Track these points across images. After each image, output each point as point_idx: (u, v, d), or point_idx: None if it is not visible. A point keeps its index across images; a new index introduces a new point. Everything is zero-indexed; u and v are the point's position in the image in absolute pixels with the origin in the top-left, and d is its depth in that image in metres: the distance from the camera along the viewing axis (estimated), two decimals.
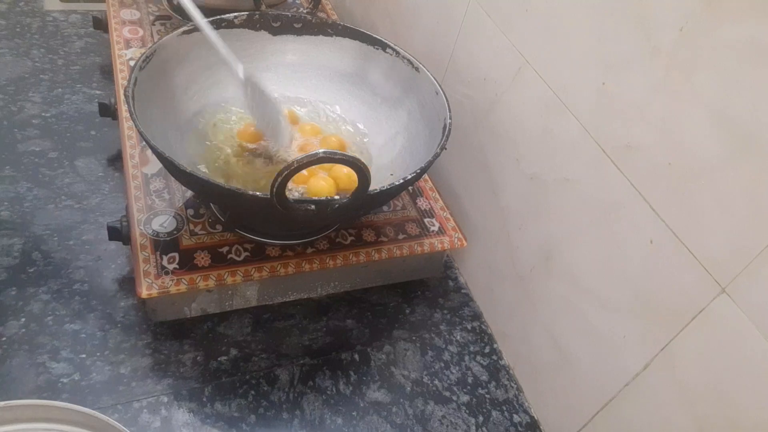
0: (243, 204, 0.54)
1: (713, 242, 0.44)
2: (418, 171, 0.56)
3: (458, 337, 0.73)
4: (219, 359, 0.64)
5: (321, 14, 1.00)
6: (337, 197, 0.52)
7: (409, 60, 0.70)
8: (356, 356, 0.68)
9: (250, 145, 0.68)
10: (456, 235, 0.71)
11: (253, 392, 0.63)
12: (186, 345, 0.65)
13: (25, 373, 0.59)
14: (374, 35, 0.73)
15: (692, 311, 0.46)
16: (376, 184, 0.53)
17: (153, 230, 0.62)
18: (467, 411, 0.66)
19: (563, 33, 0.56)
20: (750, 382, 0.43)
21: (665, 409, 0.50)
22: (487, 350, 0.73)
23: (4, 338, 0.61)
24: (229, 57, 0.62)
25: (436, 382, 0.68)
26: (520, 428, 0.66)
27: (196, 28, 0.68)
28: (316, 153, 0.47)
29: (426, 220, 0.72)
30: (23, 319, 0.63)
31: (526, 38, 0.62)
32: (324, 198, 0.52)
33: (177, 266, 0.60)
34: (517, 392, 0.69)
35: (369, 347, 0.69)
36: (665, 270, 0.48)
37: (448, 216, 0.73)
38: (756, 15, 0.39)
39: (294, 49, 0.75)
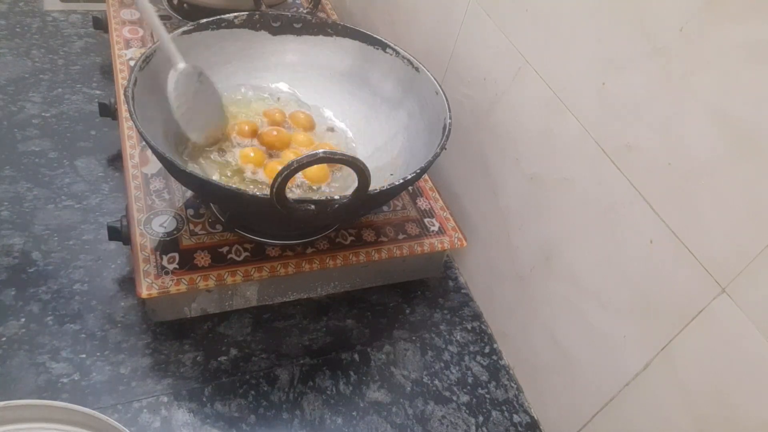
0: (243, 204, 0.54)
1: (713, 242, 0.44)
2: (418, 171, 0.56)
3: (458, 337, 0.73)
4: (219, 359, 0.64)
5: (321, 14, 1.00)
6: (337, 197, 0.52)
7: (409, 60, 0.70)
8: (356, 356, 0.68)
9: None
10: (456, 235, 0.71)
11: (253, 392, 0.63)
12: (186, 345, 0.65)
13: (25, 373, 0.59)
14: (374, 35, 0.73)
15: (692, 311, 0.46)
16: (376, 184, 0.53)
17: (153, 230, 0.62)
18: (467, 411, 0.66)
19: (563, 33, 0.56)
20: (750, 382, 0.43)
21: (665, 409, 0.50)
22: (487, 350, 0.73)
23: (4, 338, 0.61)
24: (171, 48, 0.61)
25: (436, 382, 0.68)
26: (520, 428, 0.66)
27: (196, 28, 0.68)
28: (316, 153, 0.47)
29: (426, 220, 0.72)
30: (23, 319, 0.63)
31: (526, 38, 0.62)
32: (324, 198, 0.52)
33: (177, 266, 0.60)
34: (517, 392, 0.69)
35: (369, 347, 0.69)
36: (665, 270, 0.48)
37: (448, 216, 0.73)
38: (756, 15, 0.39)
39: (294, 49, 0.75)
